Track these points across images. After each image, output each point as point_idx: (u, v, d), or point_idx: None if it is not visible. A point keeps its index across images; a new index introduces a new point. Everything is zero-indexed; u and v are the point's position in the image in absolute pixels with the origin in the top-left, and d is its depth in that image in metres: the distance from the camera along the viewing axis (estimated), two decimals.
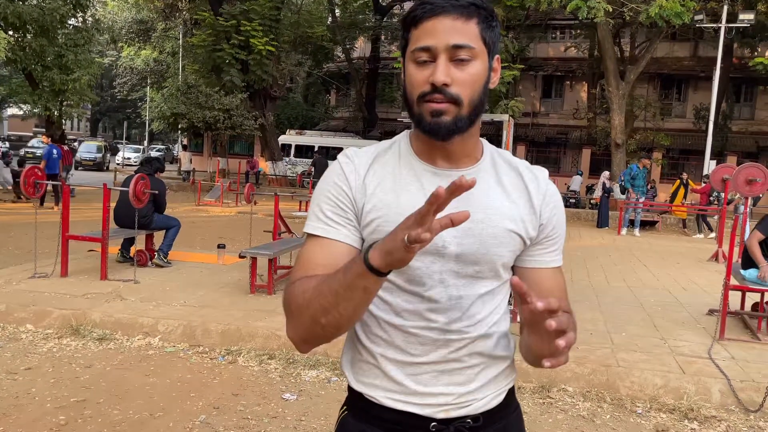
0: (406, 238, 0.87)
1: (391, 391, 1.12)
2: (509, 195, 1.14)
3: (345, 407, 1.21)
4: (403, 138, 1.19)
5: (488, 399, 1.15)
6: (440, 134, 1.07)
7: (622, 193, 14.35)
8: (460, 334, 1.10)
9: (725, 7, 18.47)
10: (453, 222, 0.86)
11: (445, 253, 1.09)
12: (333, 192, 1.12)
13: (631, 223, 14.27)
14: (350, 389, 1.19)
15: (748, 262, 5.51)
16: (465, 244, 1.08)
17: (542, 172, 1.19)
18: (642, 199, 14.15)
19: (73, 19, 18.50)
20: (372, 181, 1.12)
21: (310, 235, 1.13)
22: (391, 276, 1.06)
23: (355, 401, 1.17)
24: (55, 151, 13.51)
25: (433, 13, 1.05)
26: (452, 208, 1.06)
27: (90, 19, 19.38)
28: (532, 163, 1.22)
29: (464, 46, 1.04)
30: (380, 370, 1.13)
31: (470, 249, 1.09)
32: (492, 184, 1.14)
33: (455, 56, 1.04)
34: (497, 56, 1.13)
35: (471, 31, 1.05)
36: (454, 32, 1.04)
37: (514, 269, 1.19)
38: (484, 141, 1.19)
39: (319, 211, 1.12)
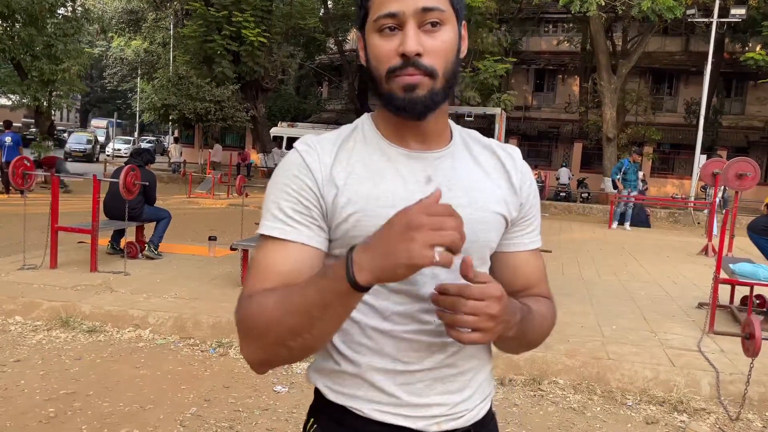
0: (437, 255, 0.77)
1: (380, 402, 1.00)
2: (489, 175, 1.06)
3: (312, 420, 1.07)
4: (365, 121, 1.06)
5: (478, 409, 1.07)
6: (416, 111, 0.95)
7: (615, 188, 14.40)
8: None
9: (717, 2, 18.52)
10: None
11: None
12: (294, 186, 0.97)
13: (622, 217, 14.33)
14: (323, 400, 1.04)
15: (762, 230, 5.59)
16: None
17: (515, 150, 1.11)
18: (634, 194, 14.21)
19: (62, 8, 18.27)
20: (341, 172, 0.99)
21: (265, 237, 0.97)
22: None
23: (331, 413, 1.03)
24: (8, 138, 13.40)
25: None
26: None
27: (79, 8, 19.14)
28: (524, 156, 1.15)
29: (434, 9, 0.93)
30: (365, 380, 1.00)
31: None
32: (470, 165, 1.05)
33: (425, 21, 0.93)
34: (464, 22, 1.02)
35: None
36: None
37: (492, 255, 1.10)
38: (450, 120, 1.09)
39: (276, 208, 0.97)
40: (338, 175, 0.98)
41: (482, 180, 1.05)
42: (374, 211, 0.96)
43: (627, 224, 14.07)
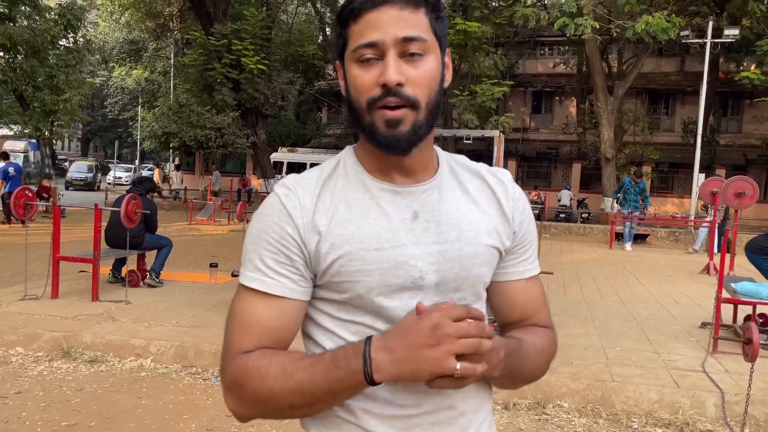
0: (458, 366, 0.80)
1: None
2: (479, 205, 1.01)
3: None
4: (347, 155, 1.02)
5: None
6: (399, 147, 0.92)
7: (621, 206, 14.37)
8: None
9: (710, 23, 18.76)
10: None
11: (423, 285, 0.94)
12: (274, 235, 0.94)
13: (620, 236, 14.30)
14: None
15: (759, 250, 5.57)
16: (443, 270, 0.95)
17: (505, 174, 1.07)
18: (636, 213, 14.21)
19: (64, 39, 18.52)
20: (323, 216, 0.94)
21: (246, 288, 0.95)
22: (366, 320, 0.95)
23: None
24: (11, 169, 13.54)
25: (376, 3, 0.90)
26: (420, 231, 0.95)
27: (81, 39, 19.40)
28: (523, 177, 1.12)
29: (416, 39, 0.90)
30: (359, 426, 0.95)
31: (450, 275, 0.96)
32: (458, 195, 1.01)
33: (406, 51, 0.90)
34: (448, 50, 0.99)
35: (421, 22, 0.91)
36: (403, 23, 0.89)
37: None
38: (436, 147, 1.04)
39: (257, 258, 0.95)
40: (320, 220, 0.94)
41: (472, 211, 1.00)
42: (358, 254, 0.93)
43: (627, 244, 14.05)
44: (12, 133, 20.30)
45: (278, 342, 0.94)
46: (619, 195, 14.28)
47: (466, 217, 0.99)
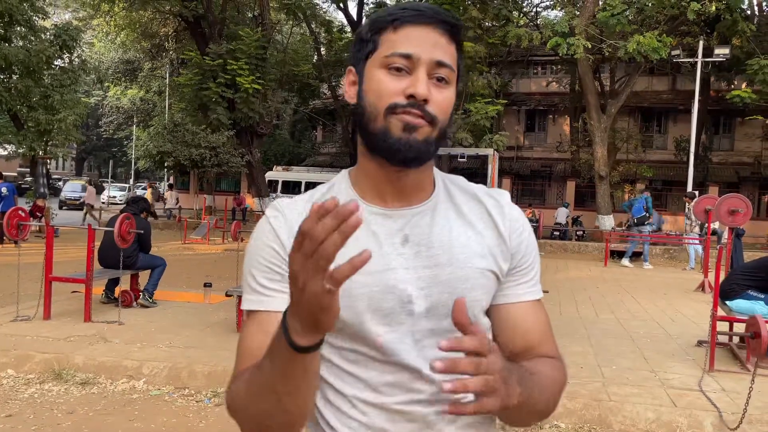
0: (326, 283, 0.69)
1: None
2: (474, 227, 0.99)
3: None
4: (342, 178, 1.02)
5: None
6: (409, 155, 0.91)
7: (645, 221, 14.32)
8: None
9: (701, 43, 19.00)
10: (354, 267, 0.68)
11: (413, 310, 0.92)
12: (264, 255, 0.94)
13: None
14: None
15: (729, 292, 5.55)
16: (434, 295, 0.93)
17: (503, 195, 1.04)
18: (647, 230, 14.24)
19: (59, 60, 18.58)
20: None
21: (248, 313, 0.96)
22: (356, 345, 0.93)
23: None
24: (4, 189, 13.52)
25: (420, 20, 0.92)
26: (411, 255, 0.94)
27: (76, 59, 19.48)
28: (518, 195, 1.09)
29: (446, 65, 0.93)
30: None
31: (440, 299, 0.93)
32: (452, 218, 0.99)
33: (435, 74, 0.92)
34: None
35: (453, 53, 0.95)
36: (440, 48, 0.92)
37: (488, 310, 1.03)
38: (434, 169, 1.03)
39: (251, 279, 0.95)
40: None
41: (465, 233, 0.98)
42: None
43: (646, 263, 13.94)
44: (6, 153, 20.25)
45: None
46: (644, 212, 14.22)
47: (458, 240, 0.97)
